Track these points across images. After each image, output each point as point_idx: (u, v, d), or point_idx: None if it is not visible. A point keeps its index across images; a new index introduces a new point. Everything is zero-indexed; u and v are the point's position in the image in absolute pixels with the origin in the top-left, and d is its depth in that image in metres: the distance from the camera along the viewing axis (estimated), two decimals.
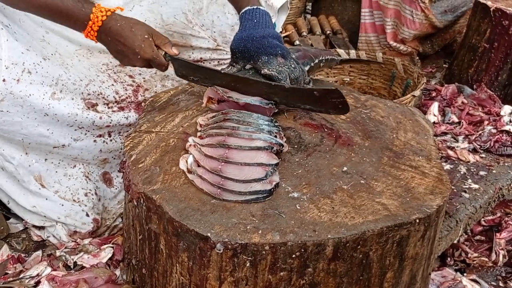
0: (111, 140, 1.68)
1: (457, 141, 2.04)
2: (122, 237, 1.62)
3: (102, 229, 1.75)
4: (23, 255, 1.66)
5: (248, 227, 1.09)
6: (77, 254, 1.64)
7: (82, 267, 1.58)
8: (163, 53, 1.46)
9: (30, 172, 1.63)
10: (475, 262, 1.73)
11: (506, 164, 1.89)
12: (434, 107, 2.27)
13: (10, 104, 1.48)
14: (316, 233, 1.08)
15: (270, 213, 1.13)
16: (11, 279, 1.53)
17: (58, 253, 1.64)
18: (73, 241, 1.70)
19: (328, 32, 3.16)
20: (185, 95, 1.58)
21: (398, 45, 2.99)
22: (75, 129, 1.61)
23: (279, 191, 1.19)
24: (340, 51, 2.53)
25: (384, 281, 1.18)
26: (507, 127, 2.06)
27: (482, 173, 1.83)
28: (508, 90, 2.56)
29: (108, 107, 1.66)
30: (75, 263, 1.61)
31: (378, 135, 1.42)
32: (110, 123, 1.64)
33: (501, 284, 1.67)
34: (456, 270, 1.69)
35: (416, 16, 2.87)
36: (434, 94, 2.44)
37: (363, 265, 1.13)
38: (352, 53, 2.55)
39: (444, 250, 1.68)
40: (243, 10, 1.48)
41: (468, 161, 1.90)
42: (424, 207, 1.17)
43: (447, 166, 1.85)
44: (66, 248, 1.67)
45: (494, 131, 2.05)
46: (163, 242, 1.18)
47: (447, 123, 2.18)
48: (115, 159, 1.73)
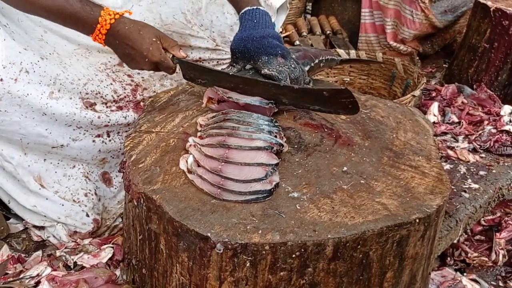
0: (110, 140, 1.68)
1: (457, 141, 2.04)
2: (122, 237, 1.62)
3: (102, 229, 1.75)
4: (23, 255, 1.66)
5: (248, 227, 1.09)
6: (77, 254, 1.64)
7: (82, 267, 1.58)
8: (171, 56, 1.45)
9: (30, 172, 1.63)
10: (475, 261, 1.73)
11: (506, 164, 1.89)
12: (434, 107, 2.27)
13: (8, 104, 1.48)
14: (316, 233, 1.08)
15: (270, 213, 1.13)
16: (11, 279, 1.53)
17: (58, 253, 1.64)
18: (73, 241, 1.70)
19: (328, 32, 3.16)
20: (185, 95, 1.58)
21: (398, 45, 2.99)
22: (74, 129, 1.61)
23: (279, 191, 1.19)
24: (340, 51, 2.53)
25: (384, 281, 1.18)
26: (507, 127, 2.06)
27: (482, 173, 1.83)
28: (508, 90, 2.56)
29: (107, 106, 1.66)
30: (75, 263, 1.61)
31: (378, 135, 1.42)
32: (109, 122, 1.64)
33: (501, 284, 1.67)
34: (456, 270, 1.69)
35: (416, 16, 2.87)
36: (434, 94, 2.44)
37: (363, 265, 1.13)
38: (352, 53, 2.55)
39: (444, 250, 1.68)
40: (243, 11, 1.48)
41: (468, 161, 1.90)
42: (424, 207, 1.17)
43: (447, 166, 1.85)
44: (66, 248, 1.67)
45: (494, 131, 2.05)
46: (163, 242, 1.18)
47: (447, 123, 2.18)
48: (113, 158, 1.73)
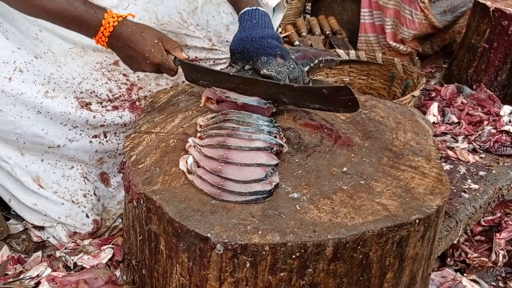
0: (107, 141, 1.68)
1: (456, 141, 2.04)
2: (122, 237, 1.62)
3: (102, 230, 1.75)
4: (23, 256, 1.66)
5: (248, 228, 1.09)
6: (77, 255, 1.64)
7: (82, 268, 1.58)
8: (173, 58, 1.45)
9: (27, 172, 1.62)
10: (475, 262, 1.73)
11: (506, 164, 1.89)
12: (434, 107, 2.27)
13: (2, 103, 1.48)
14: (316, 233, 1.08)
15: (270, 214, 1.13)
16: (11, 280, 1.53)
17: (58, 254, 1.64)
18: (73, 242, 1.70)
19: (327, 32, 3.16)
20: (185, 96, 1.58)
21: (398, 45, 2.99)
22: (69, 129, 1.60)
23: (279, 191, 1.19)
24: (340, 51, 2.53)
25: (384, 281, 1.18)
26: (506, 127, 2.06)
27: (481, 173, 1.83)
28: (508, 90, 2.56)
29: (102, 106, 1.65)
30: (75, 264, 1.61)
31: (378, 135, 1.42)
32: (104, 122, 1.64)
33: (501, 284, 1.67)
34: (456, 270, 1.69)
35: (416, 16, 2.87)
36: (433, 94, 2.44)
37: (363, 265, 1.13)
38: (352, 54, 2.55)
39: (444, 251, 1.68)
40: (242, 11, 1.48)
41: (468, 161, 1.90)
42: (424, 207, 1.17)
43: (447, 167, 1.85)
44: (66, 249, 1.67)
45: (493, 131, 2.05)
46: (163, 242, 1.18)
47: (446, 123, 2.18)
48: (111, 158, 1.73)
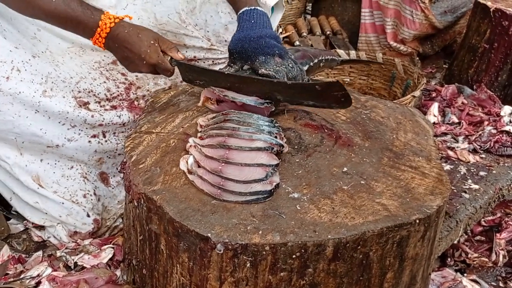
0: (106, 141, 1.68)
1: (457, 141, 2.04)
2: (122, 237, 1.62)
3: (103, 229, 1.75)
4: (23, 255, 1.66)
5: (248, 228, 1.09)
6: (77, 254, 1.64)
7: (83, 268, 1.58)
8: (169, 58, 1.46)
9: (27, 172, 1.62)
10: (475, 262, 1.73)
11: (506, 165, 1.89)
12: (434, 107, 2.27)
13: (0, 103, 1.48)
14: (316, 233, 1.08)
15: (270, 214, 1.13)
16: (11, 279, 1.53)
17: (58, 254, 1.64)
18: (73, 241, 1.70)
19: (328, 32, 3.16)
20: (185, 96, 1.58)
21: (398, 45, 2.99)
22: (68, 128, 1.60)
23: (280, 191, 1.19)
24: (340, 51, 2.53)
25: (384, 281, 1.18)
26: (507, 128, 2.06)
27: (482, 173, 1.83)
28: (508, 91, 2.56)
29: (100, 105, 1.65)
30: (75, 264, 1.61)
31: (378, 135, 1.42)
32: (103, 121, 1.64)
33: (501, 285, 1.67)
34: (456, 271, 1.69)
35: (416, 16, 2.87)
36: (434, 94, 2.44)
37: (363, 265, 1.13)
38: (352, 54, 2.55)
39: (444, 251, 1.68)
40: (241, 11, 1.49)
41: (468, 162, 1.90)
42: (424, 207, 1.17)
43: (447, 167, 1.85)
44: (66, 248, 1.67)
45: (494, 131, 2.05)
46: (164, 242, 1.18)
47: (447, 123, 2.18)
48: (110, 158, 1.73)
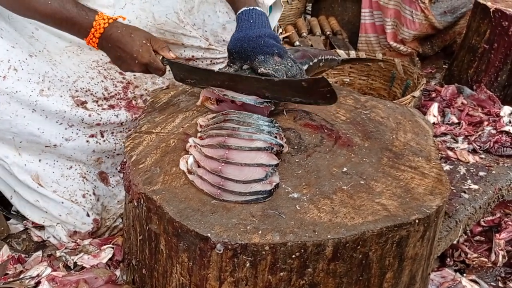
0: (104, 141, 1.68)
1: (456, 141, 2.04)
2: (122, 237, 1.62)
3: (102, 229, 1.75)
4: (23, 255, 1.66)
5: (248, 228, 1.09)
6: (77, 254, 1.64)
7: (82, 268, 1.58)
8: (161, 58, 1.48)
9: (26, 171, 1.62)
10: (474, 262, 1.73)
11: (506, 165, 1.90)
12: (434, 107, 2.27)
13: None
14: (316, 233, 1.08)
15: (270, 214, 1.13)
16: (11, 279, 1.53)
17: (58, 254, 1.64)
18: (73, 241, 1.70)
19: (328, 32, 3.16)
20: (185, 96, 1.58)
21: (398, 45, 3.00)
22: (66, 128, 1.60)
23: (279, 191, 1.19)
24: (340, 51, 2.53)
25: (383, 281, 1.18)
26: (506, 128, 2.06)
27: (481, 173, 1.83)
28: (508, 91, 2.56)
29: (98, 104, 1.66)
30: (75, 264, 1.61)
31: (378, 135, 1.42)
32: (100, 121, 1.64)
33: (500, 285, 1.67)
34: (455, 271, 1.69)
35: (416, 17, 2.88)
36: (433, 95, 2.44)
37: (363, 265, 1.13)
38: (352, 54, 2.55)
39: (443, 251, 1.68)
40: (239, 11, 1.49)
41: (468, 162, 1.90)
42: (424, 207, 1.17)
43: (447, 167, 1.85)
44: (66, 248, 1.67)
45: (493, 131, 2.05)
46: (163, 242, 1.18)
47: (446, 123, 2.18)
48: (109, 158, 1.72)
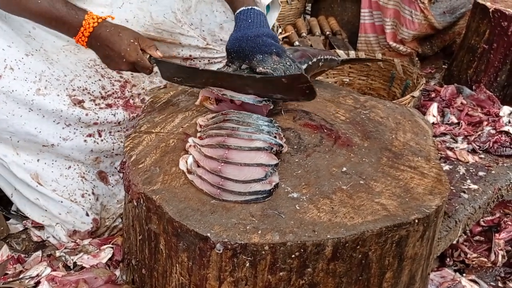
0: (102, 140, 1.67)
1: (456, 141, 2.04)
2: (122, 237, 1.62)
3: (102, 229, 1.75)
4: (23, 255, 1.66)
5: (247, 227, 1.09)
6: (77, 254, 1.64)
7: (82, 268, 1.58)
8: (148, 56, 1.50)
9: (25, 170, 1.62)
10: (474, 262, 1.73)
11: (505, 165, 1.90)
12: (433, 107, 2.27)
13: None
14: (316, 233, 1.08)
15: (269, 214, 1.13)
16: (11, 279, 1.53)
17: (58, 254, 1.64)
18: (72, 241, 1.70)
19: (327, 33, 3.16)
20: (185, 96, 1.58)
21: (398, 45, 3.00)
22: (63, 127, 1.60)
23: (279, 191, 1.19)
24: (340, 52, 2.54)
25: (383, 281, 1.18)
26: (506, 128, 2.06)
27: (481, 173, 1.83)
28: (507, 91, 2.56)
29: (95, 103, 1.65)
30: (74, 264, 1.61)
31: (377, 135, 1.42)
32: (97, 120, 1.64)
33: (500, 285, 1.67)
34: (455, 271, 1.69)
35: (416, 17, 2.88)
36: (433, 95, 2.44)
37: (362, 265, 1.13)
38: (352, 54, 2.55)
39: (443, 251, 1.68)
40: (238, 11, 1.50)
41: (467, 162, 1.90)
42: (423, 207, 1.17)
43: (446, 167, 1.85)
44: (66, 248, 1.67)
45: (493, 131, 2.05)
46: (163, 242, 1.19)
47: (446, 123, 2.18)
48: (107, 157, 1.72)
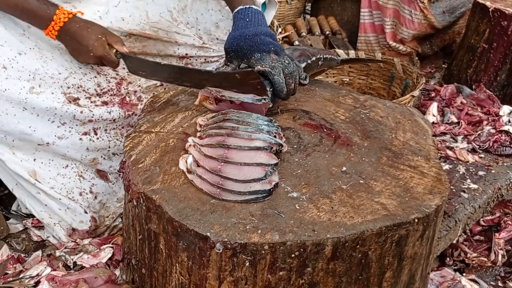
0: (97, 138, 1.67)
1: (456, 141, 2.04)
2: (121, 237, 1.62)
3: (102, 229, 1.75)
4: (23, 255, 1.66)
5: (247, 227, 1.09)
6: (76, 254, 1.64)
7: (82, 267, 1.58)
8: (115, 51, 1.56)
9: (23, 167, 1.62)
10: (474, 262, 1.73)
11: (505, 164, 1.90)
12: (433, 107, 2.27)
13: None
14: (315, 232, 1.08)
15: (269, 213, 1.13)
16: (11, 279, 1.53)
17: (58, 253, 1.64)
18: (72, 241, 1.70)
19: (327, 32, 3.16)
20: (185, 96, 1.58)
21: (397, 45, 2.99)
22: (58, 126, 1.60)
23: (279, 191, 1.19)
24: (339, 51, 2.53)
25: (383, 280, 1.18)
26: (506, 127, 2.06)
27: (481, 173, 1.83)
28: (507, 90, 2.56)
29: (91, 101, 1.65)
30: (74, 263, 1.61)
31: (377, 135, 1.42)
32: (92, 117, 1.63)
33: (500, 284, 1.67)
34: (455, 270, 1.69)
35: (415, 16, 2.88)
36: (433, 94, 2.44)
37: (362, 264, 1.13)
38: (352, 54, 2.55)
39: (443, 250, 1.68)
40: (236, 10, 1.50)
41: (467, 161, 1.90)
42: (423, 206, 1.17)
43: (446, 166, 1.85)
44: (65, 248, 1.67)
45: (493, 131, 2.05)
46: (163, 242, 1.19)
47: (446, 123, 2.18)
48: (105, 160, 1.71)
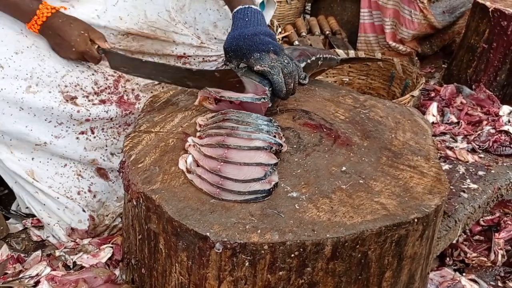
0: (94, 137, 1.66)
1: (456, 141, 2.04)
2: (121, 237, 1.62)
3: (101, 228, 1.75)
4: (22, 255, 1.66)
5: (247, 227, 1.09)
6: (76, 254, 1.64)
7: (82, 267, 1.58)
8: (97, 47, 1.58)
9: (21, 167, 1.62)
10: (474, 262, 1.73)
11: (505, 164, 1.90)
12: (433, 107, 2.27)
13: None
14: (315, 232, 1.08)
15: (269, 213, 1.13)
16: (10, 279, 1.53)
17: (57, 253, 1.64)
18: (72, 241, 1.70)
19: (327, 32, 3.16)
20: (184, 95, 1.58)
21: (397, 45, 3.00)
22: (55, 125, 1.60)
23: (278, 191, 1.19)
24: (339, 51, 2.53)
25: (382, 280, 1.18)
26: (505, 127, 2.06)
27: (480, 173, 1.83)
28: (507, 90, 2.56)
29: (88, 99, 1.64)
30: (74, 263, 1.61)
31: (377, 135, 1.42)
32: (89, 116, 1.63)
33: (500, 284, 1.67)
34: (455, 270, 1.69)
35: (415, 16, 2.88)
36: (433, 94, 2.44)
37: (362, 264, 1.13)
38: (351, 54, 2.55)
39: (443, 250, 1.68)
40: (235, 10, 1.50)
41: (467, 161, 1.90)
42: (423, 206, 1.17)
43: (446, 166, 1.85)
44: (65, 248, 1.67)
45: (492, 131, 2.05)
46: (163, 241, 1.19)
47: (446, 123, 2.18)
48: (105, 161, 1.71)
